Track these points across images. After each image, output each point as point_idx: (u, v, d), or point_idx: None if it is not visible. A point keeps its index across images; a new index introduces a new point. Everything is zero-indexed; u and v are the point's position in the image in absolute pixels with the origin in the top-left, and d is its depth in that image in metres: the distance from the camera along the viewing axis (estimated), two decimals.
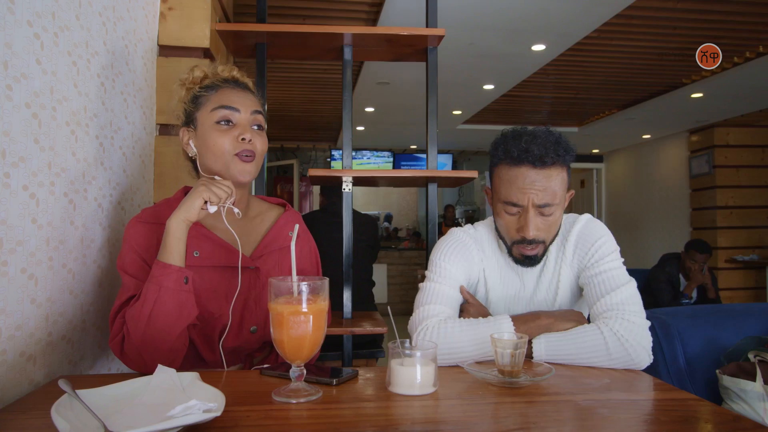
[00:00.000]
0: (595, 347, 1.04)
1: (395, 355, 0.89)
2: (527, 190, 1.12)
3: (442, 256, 1.26)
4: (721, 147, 6.14)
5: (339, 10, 3.27)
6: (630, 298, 1.12)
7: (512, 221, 1.17)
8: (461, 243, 1.28)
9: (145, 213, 1.11)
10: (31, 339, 0.97)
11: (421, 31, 1.97)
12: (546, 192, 1.12)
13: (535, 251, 1.18)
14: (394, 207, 9.33)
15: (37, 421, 0.75)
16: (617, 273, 1.16)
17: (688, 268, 3.59)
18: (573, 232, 1.24)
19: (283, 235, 1.20)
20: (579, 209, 9.18)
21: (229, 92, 1.13)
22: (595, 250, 1.20)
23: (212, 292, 1.09)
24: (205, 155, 1.11)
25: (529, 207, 1.13)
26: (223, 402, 0.72)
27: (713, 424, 0.77)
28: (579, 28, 3.41)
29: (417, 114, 5.40)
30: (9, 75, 0.89)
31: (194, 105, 1.13)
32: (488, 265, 1.28)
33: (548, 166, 1.12)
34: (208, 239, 1.10)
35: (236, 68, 1.20)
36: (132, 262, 1.05)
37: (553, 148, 1.12)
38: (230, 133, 1.09)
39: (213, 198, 1.00)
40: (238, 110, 1.11)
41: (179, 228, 0.99)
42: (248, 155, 1.10)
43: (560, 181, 1.14)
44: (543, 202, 1.12)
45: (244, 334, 1.12)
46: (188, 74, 1.16)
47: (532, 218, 1.13)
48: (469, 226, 1.34)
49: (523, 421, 0.76)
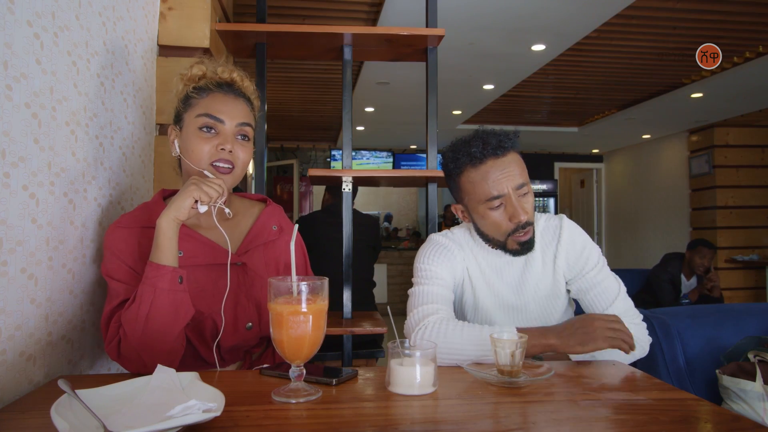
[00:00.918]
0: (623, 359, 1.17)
1: (395, 355, 0.89)
2: (501, 179, 1.19)
3: (426, 260, 1.29)
4: (721, 147, 6.14)
5: (339, 10, 3.27)
6: (629, 304, 1.27)
7: (500, 215, 1.21)
8: (442, 246, 1.31)
9: (123, 218, 1.10)
10: (30, 339, 0.97)
11: (421, 31, 1.97)
12: (516, 174, 1.19)
13: (529, 235, 1.23)
14: (394, 207, 9.33)
15: (36, 421, 0.75)
16: (610, 282, 1.27)
17: (696, 265, 3.59)
18: (563, 236, 1.29)
19: (267, 229, 1.20)
20: (579, 209, 9.22)
21: (219, 99, 1.11)
22: (586, 259, 1.28)
23: (200, 291, 1.08)
24: (185, 157, 1.10)
25: (510, 193, 1.19)
26: (223, 402, 0.72)
27: (713, 424, 0.77)
28: (579, 28, 3.41)
29: (417, 114, 5.39)
30: (9, 75, 0.89)
31: (184, 105, 1.13)
32: (471, 264, 1.31)
33: (507, 152, 1.21)
34: (192, 238, 1.10)
35: (236, 70, 1.18)
36: (117, 267, 1.05)
37: (503, 135, 1.22)
38: (211, 141, 1.08)
39: (204, 197, 0.99)
40: (223, 121, 1.09)
41: (170, 227, 0.98)
42: (226, 164, 1.09)
43: (522, 165, 1.22)
44: (518, 183, 1.19)
45: (240, 332, 1.12)
46: (188, 70, 1.15)
47: (518, 201, 1.19)
48: (446, 231, 1.38)
49: (523, 421, 0.76)
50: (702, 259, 3.57)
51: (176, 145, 1.13)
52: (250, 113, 1.16)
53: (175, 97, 1.16)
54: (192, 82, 1.14)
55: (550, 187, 8.28)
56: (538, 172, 8.35)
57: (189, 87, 1.13)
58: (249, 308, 1.13)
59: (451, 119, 6.21)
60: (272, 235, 1.20)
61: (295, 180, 7.94)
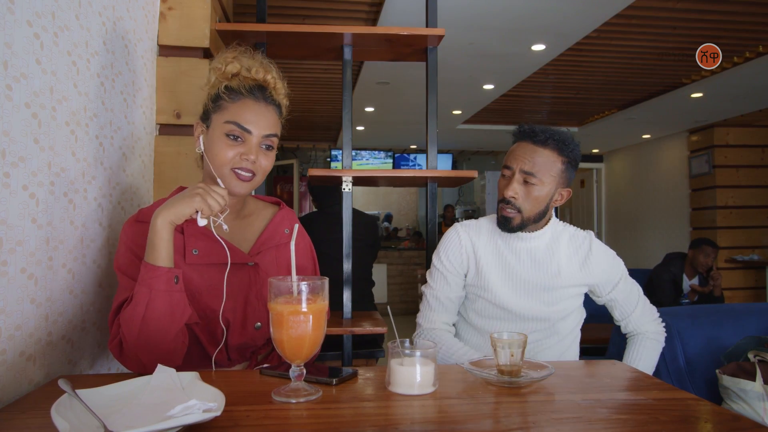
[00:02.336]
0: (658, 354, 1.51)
1: (395, 354, 0.89)
2: (518, 157, 1.36)
3: (437, 257, 1.48)
4: (721, 147, 6.14)
5: (339, 10, 3.27)
6: (648, 304, 1.54)
7: (503, 183, 1.39)
8: (450, 239, 1.47)
9: (141, 213, 1.10)
10: (30, 339, 0.97)
11: (421, 30, 1.97)
12: (533, 162, 1.34)
13: (511, 214, 1.36)
14: (394, 207, 9.33)
15: (36, 421, 0.75)
16: (634, 287, 1.51)
17: (700, 264, 3.59)
18: (594, 247, 1.46)
19: (280, 232, 1.21)
20: (579, 209, 9.22)
21: (249, 107, 1.10)
22: (617, 269, 1.48)
23: (213, 289, 1.08)
24: (208, 157, 1.11)
25: (516, 171, 1.35)
26: (223, 402, 0.72)
27: (713, 424, 0.77)
28: (579, 28, 3.41)
29: (417, 114, 5.39)
30: (9, 75, 0.89)
31: (214, 105, 1.12)
32: (481, 245, 1.45)
33: (541, 144, 1.34)
34: (207, 237, 1.10)
35: (270, 70, 1.15)
36: (129, 262, 1.05)
37: (550, 133, 1.35)
38: (236, 148, 1.08)
39: (205, 210, 0.99)
40: (250, 132, 1.09)
41: (164, 228, 0.97)
42: (247, 173, 1.09)
43: (550, 163, 1.35)
44: (528, 169, 1.34)
45: (248, 331, 1.12)
46: (222, 64, 1.12)
47: (516, 181, 1.35)
48: (473, 220, 1.53)
49: (523, 420, 0.76)
50: (706, 258, 3.57)
51: (201, 142, 1.13)
52: (278, 122, 1.16)
53: (206, 89, 1.15)
54: (225, 79, 1.12)
55: None
56: None
57: (221, 85, 1.11)
58: (259, 308, 1.13)
59: (451, 119, 6.20)
60: (285, 238, 1.21)
61: (295, 180, 7.94)
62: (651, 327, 1.50)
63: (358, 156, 7.35)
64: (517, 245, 1.43)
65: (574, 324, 1.46)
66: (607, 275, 1.45)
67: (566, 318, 1.43)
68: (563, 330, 1.43)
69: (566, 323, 1.43)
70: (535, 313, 1.40)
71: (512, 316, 1.41)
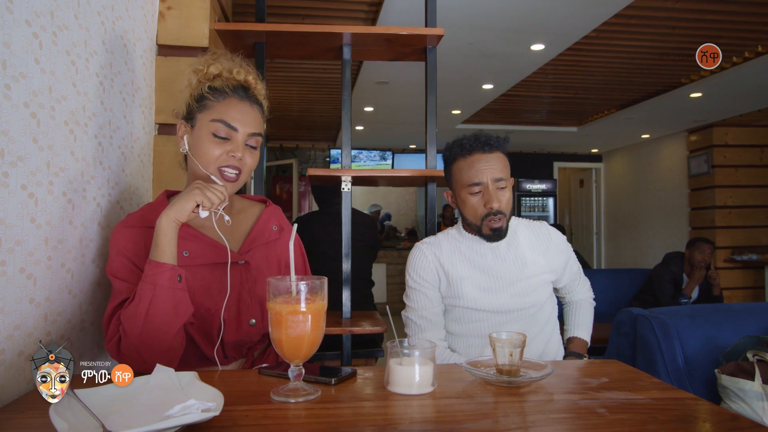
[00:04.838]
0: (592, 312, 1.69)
1: (394, 354, 0.89)
2: (483, 169, 1.40)
3: (409, 277, 1.52)
4: (720, 147, 6.14)
5: (338, 10, 3.27)
6: (584, 274, 1.70)
7: (477, 201, 1.42)
8: (416, 257, 1.52)
9: (130, 218, 1.12)
10: (29, 339, 0.97)
11: (420, 30, 1.97)
12: (497, 169, 1.41)
13: (500, 223, 1.42)
14: (393, 207, 9.33)
15: (35, 421, 0.75)
16: (576, 261, 1.64)
17: (697, 261, 3.59)
18: (553, 237, 1.55)
19: (268, 229, 1.23)
20: (578, 209, 9.22)
21: (234, 106, 1.11)
22: (569, 249, 1.60)
23: (206, 289, 1.10)
24: (194, 157, 1.11)
25: (489, 182, 1.40)
26: (222, 401, 0.72)
27: (711, 424, 0.77)
28: (578, 27, 3.41)
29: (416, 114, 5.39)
30: (7, 74, 0.89)
31: (198, 105, 1.12)
32: (444, 257, 1.49)
33: (493, 150, 1.42)
34: (197, 238, 1.11)
35: (251, 71, 1.18)
36: (122, 266, 1.06)
37: (493, 137, 1.44)
38: (223, 146, 1.10)
39: (206, 203, 1.01)
40: (237, 129, 1.10)
41: (169, 227, 0.99)
42: (233, 171, 1.11)
43: (505, 164, 1.44)
44: (497, 177, 1.40)
45: (243, 328, 1.13)
46: (203, 66, 1.13)
47: (494, 191, 1.40)
48: (432, 236, 1.59)
49: (522, 420, 0.76)
50: (702, 254, 3.57)
51: (185, 142, 1.13)
52: (262, 121, 1.18)
53: (187, 91, 1.15)
54: (207, 81, 1.13)
55: (550, 186, 8.26)
56: (537, 171, 8.34)
57: (204, 85, 1.12)
58: (252, 305, 1.15)
59: (450, 119, 6.20)
60: (273, 235, 1.22)
61: (294, 180, 7.94)
62: (588, 294, 1.68)
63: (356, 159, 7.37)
64: (479, 247, 1.48)
65: (549, 310, 1.52)
66: (565, 256, 1.56)
67: (542, 307, 1.49)
68: (541, 319, 1.49)
69: (543, 312, 1.49)
70: (511, 307, 1.45)
71: (490, 315, 1.45)
